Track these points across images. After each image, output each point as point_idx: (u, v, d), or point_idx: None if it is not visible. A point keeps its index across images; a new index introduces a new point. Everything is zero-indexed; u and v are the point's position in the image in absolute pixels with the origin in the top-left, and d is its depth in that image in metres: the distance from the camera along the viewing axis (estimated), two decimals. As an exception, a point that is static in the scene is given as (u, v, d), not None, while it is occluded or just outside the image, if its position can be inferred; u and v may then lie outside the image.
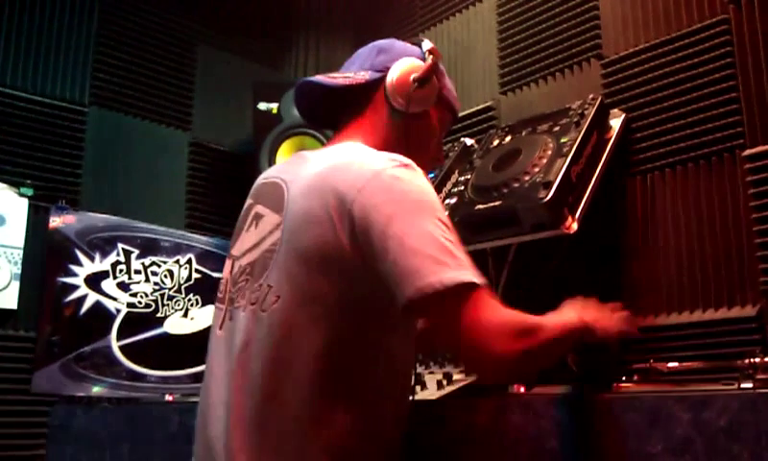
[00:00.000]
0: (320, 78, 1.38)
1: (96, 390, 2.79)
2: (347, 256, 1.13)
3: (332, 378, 1.14)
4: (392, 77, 1.36)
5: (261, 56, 3.81)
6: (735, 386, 1.12)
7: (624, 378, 1.52)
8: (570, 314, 1.29)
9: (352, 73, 1.39)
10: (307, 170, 1.26)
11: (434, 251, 1.08)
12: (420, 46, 1.43)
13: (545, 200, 1.83)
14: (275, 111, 3.18)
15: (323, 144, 2.84)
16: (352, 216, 1.12)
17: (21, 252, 2.82)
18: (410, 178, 1.17)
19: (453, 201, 2.15)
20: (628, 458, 1.12)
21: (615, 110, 2.25)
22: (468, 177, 2.21)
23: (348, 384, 1.15)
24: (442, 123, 1.47)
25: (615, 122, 2.21)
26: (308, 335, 1.14)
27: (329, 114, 1.46)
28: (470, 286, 1.09)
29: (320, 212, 1.16)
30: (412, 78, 1.36)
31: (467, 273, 1.09)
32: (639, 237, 2.19)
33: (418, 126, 1.40)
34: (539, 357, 1.15)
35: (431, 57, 1.39)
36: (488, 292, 1.11)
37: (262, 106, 3.20)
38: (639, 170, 2.23)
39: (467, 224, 2.02)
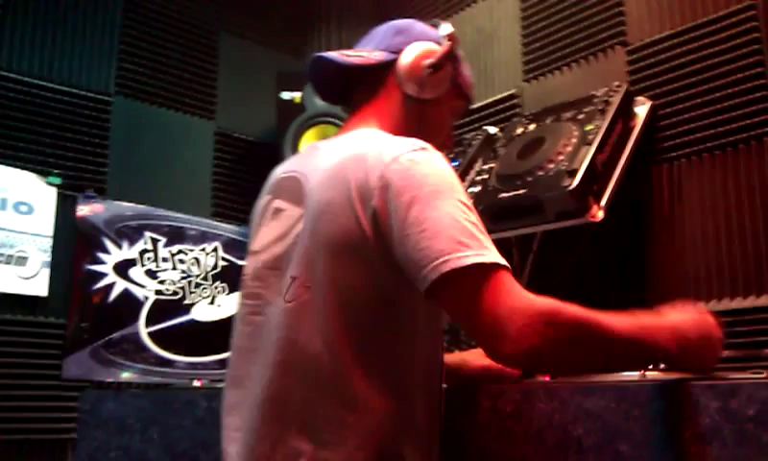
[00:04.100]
0: (333, 55, 1.35)
1: (125, 375, 2.84)
2: (370, 244, 1.12)
3: (365, 366, 1.14)
4: (404, 61, 1.33)
5: (284, 45, 3.82)
6: (764, 375, 1.12)
7: (651, 367, 1.52)
8: (661, 325, 1.14)
9: (367, 52, 1.36)
10: (324, 160, 1.25)
11: (455, 233, 1.06)
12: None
13: (570, 188, 1.83)
14: (298, 101, 3.19)
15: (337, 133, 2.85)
16: (373, 205, 1.12)
17: (50, 240, 2.87)
18: (428, 161, 1.14)
19: (477, 189, 2.15)
20: (655, 445, 1.12)
21: (641, 98, 2.24)
22: (492, 165, 2.21)
23: (380, 372, 1.15)
24: (453, 110, 1.44)
25: (641, 110, 2.19)
26: (340, 325, 1.14)
27: (343, 91, 1.44)
28: (492, 268, 1.05)
29: (341, 202, 1.15)
30: (425, 63, 1.33)
31: (488, 254, 1.06)
32: (666, 226, 2.18)
33: (430, 111, 1.37)
34: (574, 352, 1.06)
35: (447, 42, 1.35)
36: (511, 275, 1.07)
37: (285, 95, 3.22)
38: (666, 158, 2.21)
39: (491, 212, 2.02)
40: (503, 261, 1.07)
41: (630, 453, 1.14)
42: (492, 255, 1.06)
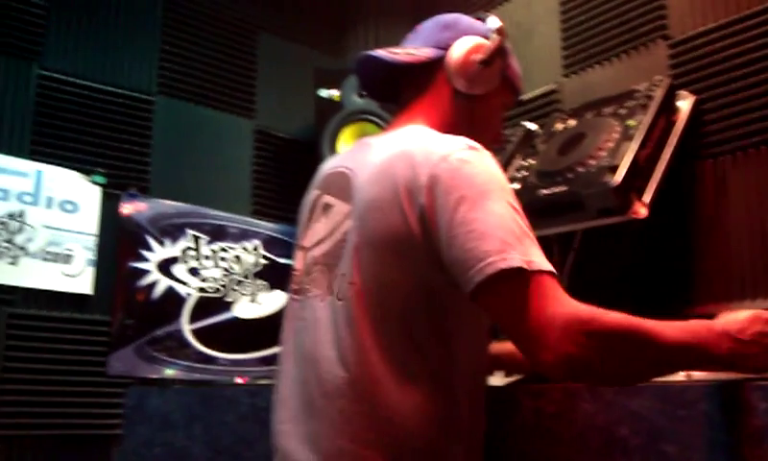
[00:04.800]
0: (381, 53, 1.35)
1: (168, 372, 2.89)
2: (417, 243, 1.12)
3: (410, 364, 1.14)
4: (453, 57, 1.32)
5: (322, 42, 3.84)
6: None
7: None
8: (709, 328, 1.07)
9: (415, 49, 1.35)
10: (373, 157, 1.25)
11: (502, 234, 1.04)
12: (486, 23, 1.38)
13: (613, 184, 1.80)
14: (336, 98, 3.20)
15: (383, 130, 2.85)
16: (421, 202, 1.11)
17: (95, 238, 2.93)
18: (478, 161, 1.13)
19: (516, 186, 2.14)
20: (703, 447, 1.10)
21: (684, 92, 2.20)
22: (532, 162, 2.19)
23: (425, 371, 1.15)
24: (503, 104, 1.43)
25: (684, 104, 2.15)
26: (387, 323, 1.14)
27: (391, 89, 1.44)
28: (537, 273, 1.03)
29: (389, 199, 1.15)
30: (475, 58, 1.31)
31: (534, 258, 1.04)
32: (711, 222, 2.14)
33: (480, 107, 1.36)
34: (611, 361, 1.01)
35: (496, 36, 1.33)
36: (557, 281, 1.05)
37: (323, 93, 3.23)
38: (710, 153, 2.17)
39: (530, 210, 1.98)
40: (548, 266, 1.06)
41: (676, 455, 1.13)
42: (538, 260, 1.05)
